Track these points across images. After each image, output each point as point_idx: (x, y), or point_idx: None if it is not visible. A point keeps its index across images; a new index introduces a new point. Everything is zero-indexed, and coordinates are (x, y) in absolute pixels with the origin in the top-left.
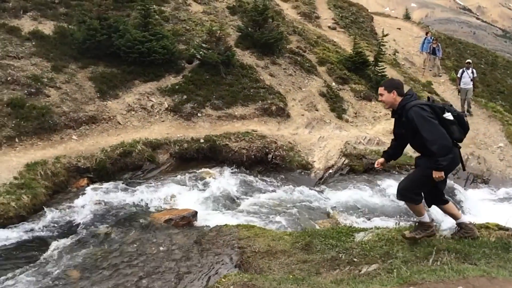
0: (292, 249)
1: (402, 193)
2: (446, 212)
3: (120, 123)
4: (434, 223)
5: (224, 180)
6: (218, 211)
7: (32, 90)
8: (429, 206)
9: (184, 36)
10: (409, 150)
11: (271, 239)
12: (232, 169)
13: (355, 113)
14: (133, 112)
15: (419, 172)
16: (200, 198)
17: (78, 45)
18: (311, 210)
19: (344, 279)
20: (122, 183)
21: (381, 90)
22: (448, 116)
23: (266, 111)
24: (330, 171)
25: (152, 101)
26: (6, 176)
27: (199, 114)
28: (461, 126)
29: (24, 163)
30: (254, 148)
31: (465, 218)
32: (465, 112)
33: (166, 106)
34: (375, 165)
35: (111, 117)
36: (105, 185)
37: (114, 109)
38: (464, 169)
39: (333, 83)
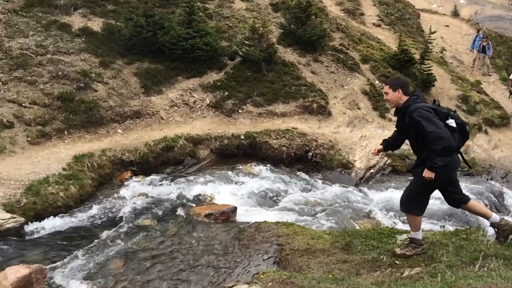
0: (331, 249)
1: (404, 204)
2: (474, 211)
3: (163, 118)
4: (425, 244)
5: (263, 177)
6: (257, 207)
7: (81, 84)
8: (458, 207)
9: (227, 33)
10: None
11: (310, 238)
12: (271, 166)
13: None
14: (175, 108)
15: (416, 181)
16: (239, 194)
17: (125, 41)
18: (351, 210)
19: (386, 281)
20: (164, 177)
21: (386, 88)
22: (451, 123)
23: (307, 109)
24: (372, 170)
25: (194, 97)
26: (55, 167)
27: (240, 111)
28: (462, 134)
29: (72, 155)
30: (294, 145)
31: (496, 217)
32: None
33: (208, 102)
34: (372, 151)
35: (155, 112)
36: (148, 178)
37: (157, 104)
38: (470, 167)
39: (377, 81)
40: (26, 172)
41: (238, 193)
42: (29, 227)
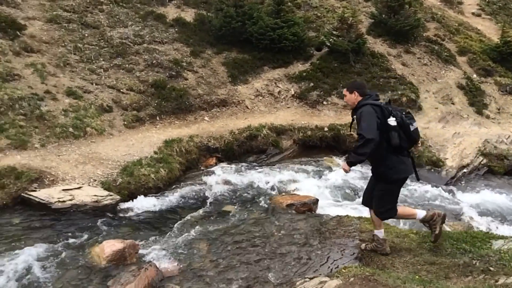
0: (418, 249)
1: (381, 214)
2: (372, 217)
3: (248, 107)
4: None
5: None
6: (339, 201)
7: (173, 73)
8: (366, 205)
9: (314, 23)
10: None
11: (395, 236)
12: None
13: (498, 109)
14: (260, 97)
15: (380, 188)
16: (321, 186)
17: (215, 31)
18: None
19: None
20: (247, 165)
21: (344, 91)
22: (391, 121)
23: (395, 102)
24: (465, 170)
25: (279, 87)
26: (148, 150)
27: (324, 102)
28: (405, 134)
29: (163, 140)
30: None
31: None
32: None
33: (293, 92)
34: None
35: (240, 101)
36: (232, 165)
37: (243, 93)
38: (418, 179)
39: (474, 75)
40: (122, 153)
41: (320, 185)
42: (123, 205)
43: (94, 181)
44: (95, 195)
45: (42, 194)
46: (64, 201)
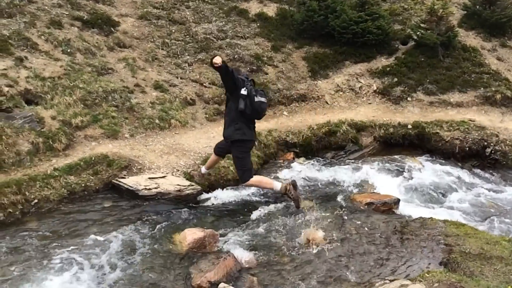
0: (511, 257)
1: (244, 178)
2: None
3: (327, 103)
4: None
5: (430, 170)
6: (421, 202)
7: (253, 67)
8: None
9: (401, 15)
10: None
11: (485, 242)
12: (440, 160)
13: None
14: (341, 93)
15: (233, 152)
16: (402, 186)
17: (296, 26)
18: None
19: None
20: (326, 161)
21: None
22: (242, 91)
23: (488, 100)
24: None
25: (360, 82)
26: None
27: (409, 99)
28: (250, 103)
29: None
30: (470, 139)
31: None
32: None
33: (375, 88)
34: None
35: (320, 96)
36: (309, 161)
37: (323, 88)
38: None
39: None
40: (203, 145)
41: (401, 184)
42: (203, 196)
43: (177, 171)
44: (178, 185)
45: (130, 181)
46: (150, 189)
